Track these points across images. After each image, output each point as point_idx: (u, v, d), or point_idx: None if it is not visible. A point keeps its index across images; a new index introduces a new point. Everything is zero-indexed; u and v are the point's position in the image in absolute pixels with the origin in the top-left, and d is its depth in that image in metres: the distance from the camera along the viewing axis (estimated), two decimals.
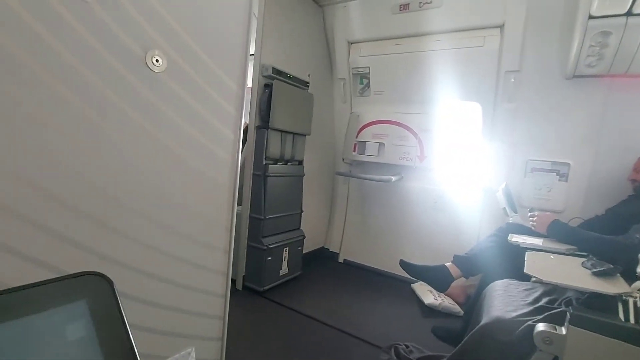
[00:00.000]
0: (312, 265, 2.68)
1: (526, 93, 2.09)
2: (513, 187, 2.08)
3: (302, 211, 2.49)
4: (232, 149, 0.93)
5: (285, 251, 2.30)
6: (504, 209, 1.96)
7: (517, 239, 1.48)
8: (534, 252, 1.30)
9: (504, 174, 2.18)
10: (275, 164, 2.23)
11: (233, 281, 2.22)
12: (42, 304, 0.19)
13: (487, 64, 2.16)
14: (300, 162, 2.47)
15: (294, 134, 2.33)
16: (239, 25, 0.89)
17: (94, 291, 0.21)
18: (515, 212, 1.95)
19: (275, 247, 2.20)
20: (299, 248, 2.45)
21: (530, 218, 1.62)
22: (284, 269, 2.30)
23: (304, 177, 2.48)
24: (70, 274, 0.22)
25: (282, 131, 2.22)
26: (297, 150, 2.39)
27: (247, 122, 2.23)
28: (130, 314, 0.68)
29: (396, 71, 2.52)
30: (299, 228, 2.48)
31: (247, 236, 2.19)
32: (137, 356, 0.23)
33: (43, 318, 0.19)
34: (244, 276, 2.21)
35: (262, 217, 2.14)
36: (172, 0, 0.74)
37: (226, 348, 1.03)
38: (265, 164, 2.15)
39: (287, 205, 2.34)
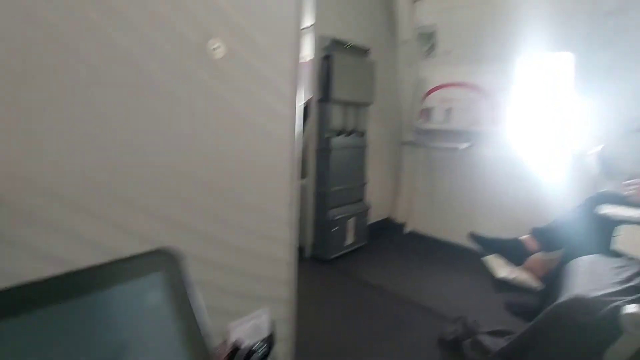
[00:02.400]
0: (378, 235, 2.71)
1: (628, 37, 1.74)
2: (611, 149, 1.80)
3: (366, 182, 2.49)
4: (290, 127, 0.96)
5: (351, 222, 2.35)
6: (597, 175, 1.72)
7: (609, 210, 1.30)
8: (628, 225, 1.14)
9: (599, 135, 1.89)
10: (338, 136, 2.25)
11: (301, 250, 2.36)
12: (124, 276, 0.25)
13: (580, 5, 1.83)
14: (363, 134, 2.45)
15: (356, 104, 2.30)
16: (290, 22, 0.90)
17: (167, 265, 0.27)
18: (613, 179, 1.70)
19: (340, 218, 2.26)
20: (365, 219, 2.48)
21: (629, 186, 1.40)
22: (350, 239, 2.37)
23: (368, 147, 2.46)
24: (146, 251, 0.27)
25: (343, 103, 2.21)
26: (360, 121, 2.36)
27: (310, 96, 2.26)
28: (213, 278, 0.78)
29: (467, 26, 2.29)
30: (363, 199, 2.50)
31: (313, 208, 2.29)
32: (204, 319, 0.28)
33: (125, 288, 0.24)
34: (311, 246, 2.34)
35: (327, 190, 2.20)
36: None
37: (296, 310, 1.13)
38: (328, 138, 2.18)
39: (351, 177, 2.36)
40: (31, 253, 0.55)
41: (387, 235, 2.79)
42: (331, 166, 2.19)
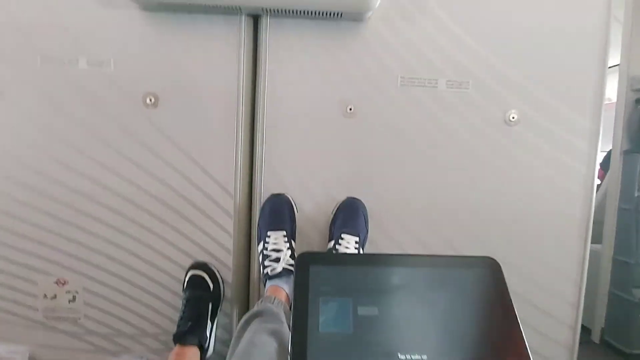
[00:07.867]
0: None
1: None
2: None
3: None
4: (585, 184, 0.93)
5: None
6: None
7: None
8: None
9: None
10: None
11: (588, 330, 1.92)
12: (464, 265, 0.42)
13: None
14: None
15: None
16: (593, 65, 0.90)
17: (492, 267, 0.42)
18: None
19: None
20: None
21: None
22: None
23: None
24: (478, 256, 0.44)
25: None
26: None
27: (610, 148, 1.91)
28: None
29: None
30: None
31: (608, 282, 1.83)
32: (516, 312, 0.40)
33: (465, 272, 0.42)
34: (602, 330, 1.85)
35: (632, 262, 1.72)
36: (527, 66, 0.91)
37: None
38: (638, 196, 1.73)
39: None
40: (394, 243, 0.93)
41: None
42: None
